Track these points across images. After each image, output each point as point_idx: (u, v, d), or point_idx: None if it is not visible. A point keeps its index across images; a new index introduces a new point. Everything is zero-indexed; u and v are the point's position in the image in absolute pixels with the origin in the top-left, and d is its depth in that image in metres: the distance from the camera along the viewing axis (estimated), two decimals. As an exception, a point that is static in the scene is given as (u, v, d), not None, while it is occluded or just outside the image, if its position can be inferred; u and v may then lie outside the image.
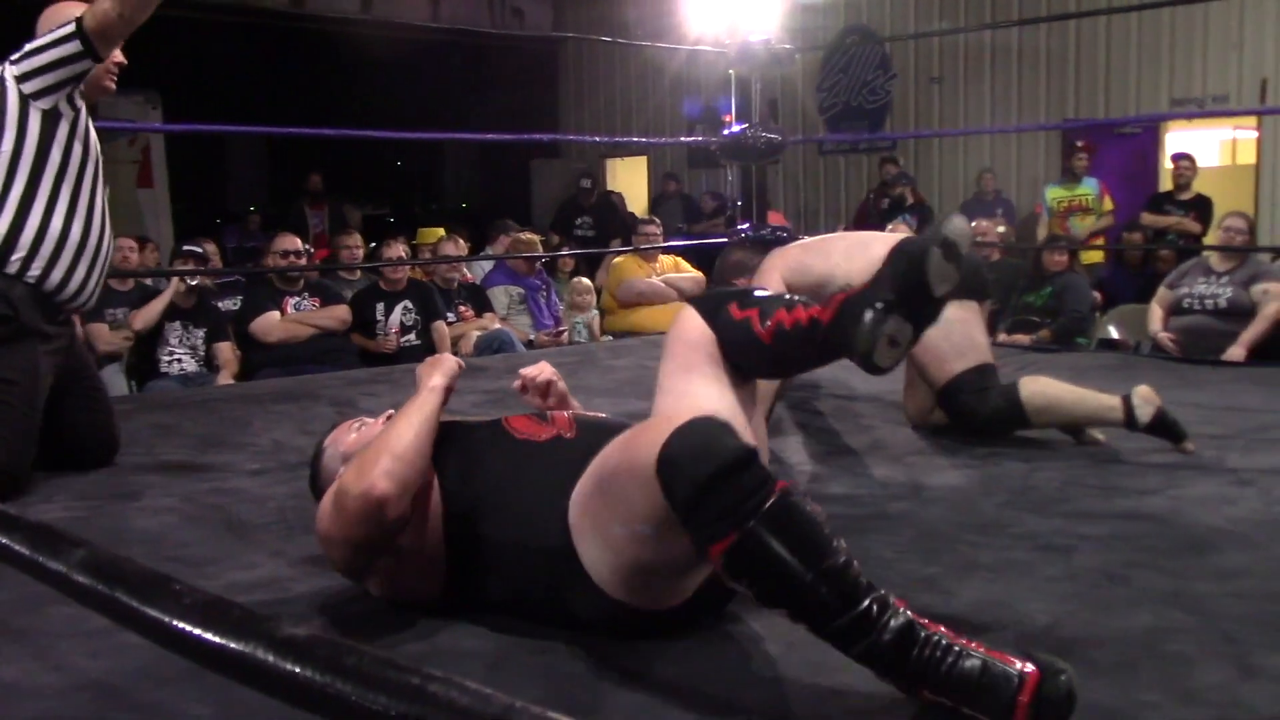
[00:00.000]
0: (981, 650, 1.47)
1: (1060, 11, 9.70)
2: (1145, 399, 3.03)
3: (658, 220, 8.04)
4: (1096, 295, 6.77)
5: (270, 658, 0.93)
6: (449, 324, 5.96)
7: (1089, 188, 8.67)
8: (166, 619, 1.02)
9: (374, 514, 1.78)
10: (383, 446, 1.83)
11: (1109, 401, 3.09)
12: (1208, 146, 9.56)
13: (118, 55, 2.98)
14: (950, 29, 10.36)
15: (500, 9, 13.15)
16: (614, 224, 10.85)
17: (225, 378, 5.22)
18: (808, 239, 3.81)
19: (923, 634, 1.48)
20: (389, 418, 2.01)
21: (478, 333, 5.96)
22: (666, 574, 1.73)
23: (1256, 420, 3.52)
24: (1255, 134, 9.39)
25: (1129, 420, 3.03)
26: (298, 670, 0.90)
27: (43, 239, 2.88)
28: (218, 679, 1.04)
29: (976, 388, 3.24)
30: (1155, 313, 5.61)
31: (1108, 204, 8.65)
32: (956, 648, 1.46)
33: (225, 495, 2.86)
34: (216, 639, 0.97)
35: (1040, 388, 3.20)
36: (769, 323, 1.95)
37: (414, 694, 0.84)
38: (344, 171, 14.04)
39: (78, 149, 2.95)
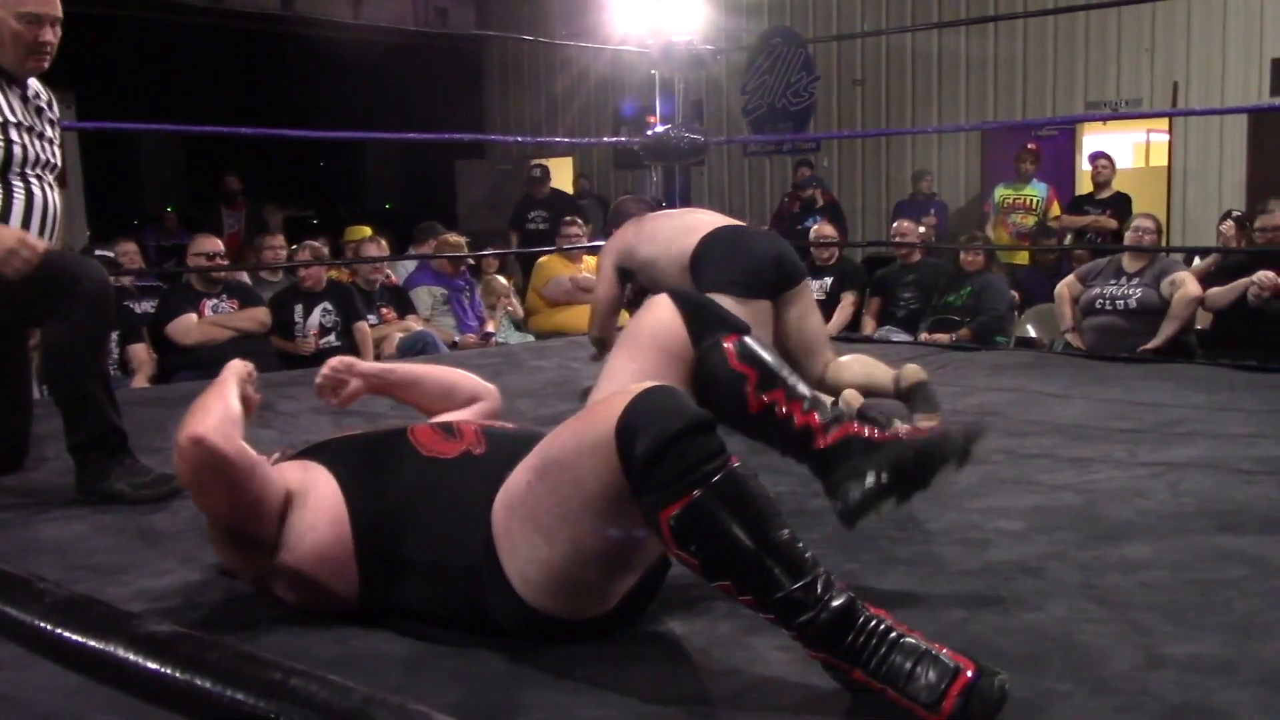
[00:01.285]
0: (921, 639, 1.48)
1: (979, 15, 9.86)
2: (911, 374, 3.43)
3: (580, 220, 8.02)
4: (1015, 295, 6.89)
5: (130, 655, 0.91)
6: (371, 326, 5.90)
7: (1036, 190, 8.81)
8: (28, 619, 0.99)
9: (204, 455, 1.75)
10: (188, 414, 1.82)
11: (887, 376, 3.48)
12: (1122, 149, 9.78)
13: (46, 34, 2.90)
14: (873, 31, 10.48)
15: (424, 8, 13.06)
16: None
17: (140, 381, 5.12)
18: (647, 215, 3.89)
19: (863, 616, 1.49)
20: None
21: (400, 334, 5.91)
22: (598, 571, 1.70)
23: (1166, 415, 3.60)
24: (1167, 136, 9.62)
25: (896, 391, 3.44)
26: (157, 667, 0.89)
27: None
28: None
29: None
30: (1064, 311, 5.71)
31: (1055, 209, 8.77)
32: (894, 633, 1.48)
33: (137, 505, 2.79)
34: (77, 637, 0.95)
35: (836, 367, 3.52)
36: (765, 398, 1.90)
37: (274, 689, 0.84)
38: (265, 172, 13.84)
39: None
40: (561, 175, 13.26)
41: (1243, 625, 1.83)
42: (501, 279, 7.25)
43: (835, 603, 1.48)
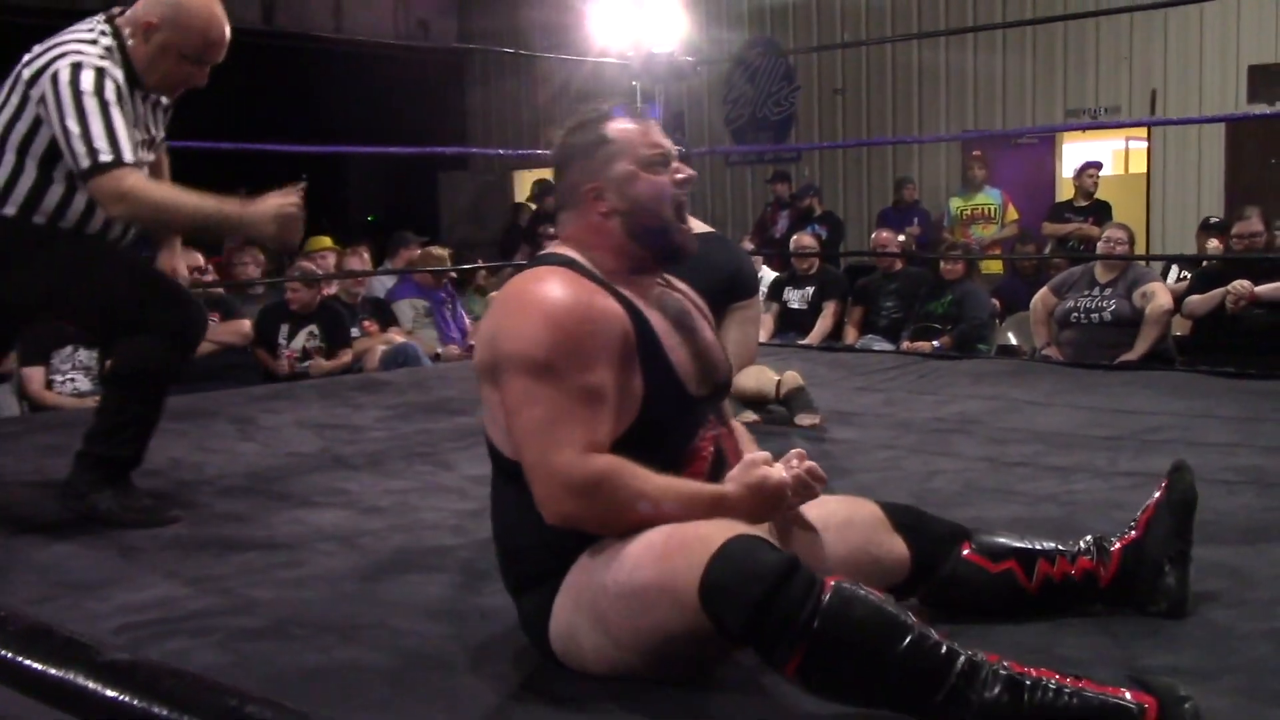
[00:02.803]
0: (1092, 687, 1.46)
1: (959, 25, 9.90)
2: (790, 380, 3.80)
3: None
4: (995, 303, 6.91)
5: (90, 684, 0.92)
6: (354, 339, 5.88)
7: (990, 197, 8.84)
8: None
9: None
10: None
11: (771, 384, 3.79)
12: (1102, 156, 9.83)
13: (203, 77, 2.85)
14: (853, 42, 10.51)
15: (405, 20, 13.05)
16: None
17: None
18: None
19: (1028, 681, 1.46)
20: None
21: (383, 347, 5.89)
22: (656, 672, 1.68)
23: (1146, 422, 3.62)
24: (1146, 144, 9.68)
25: (778, 396, 3.78)
26: (117, 695, 0.90)
27: None
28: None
29: None
30: (1039, 327, 5.71)
31: (1011, 214, 8.82)
32: (1067, 689, 1.46)
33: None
34: (37, 666, 0.96)
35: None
36: (1035, 577, 1.91)
37: (230, 716, 0.86)
38: (246, 186, 13.79)
39: None
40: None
41: (1222, 636, 1.84)
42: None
43: (992, 680, 1.45)
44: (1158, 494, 1.98)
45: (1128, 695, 1.46)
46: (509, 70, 13.04)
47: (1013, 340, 6.45)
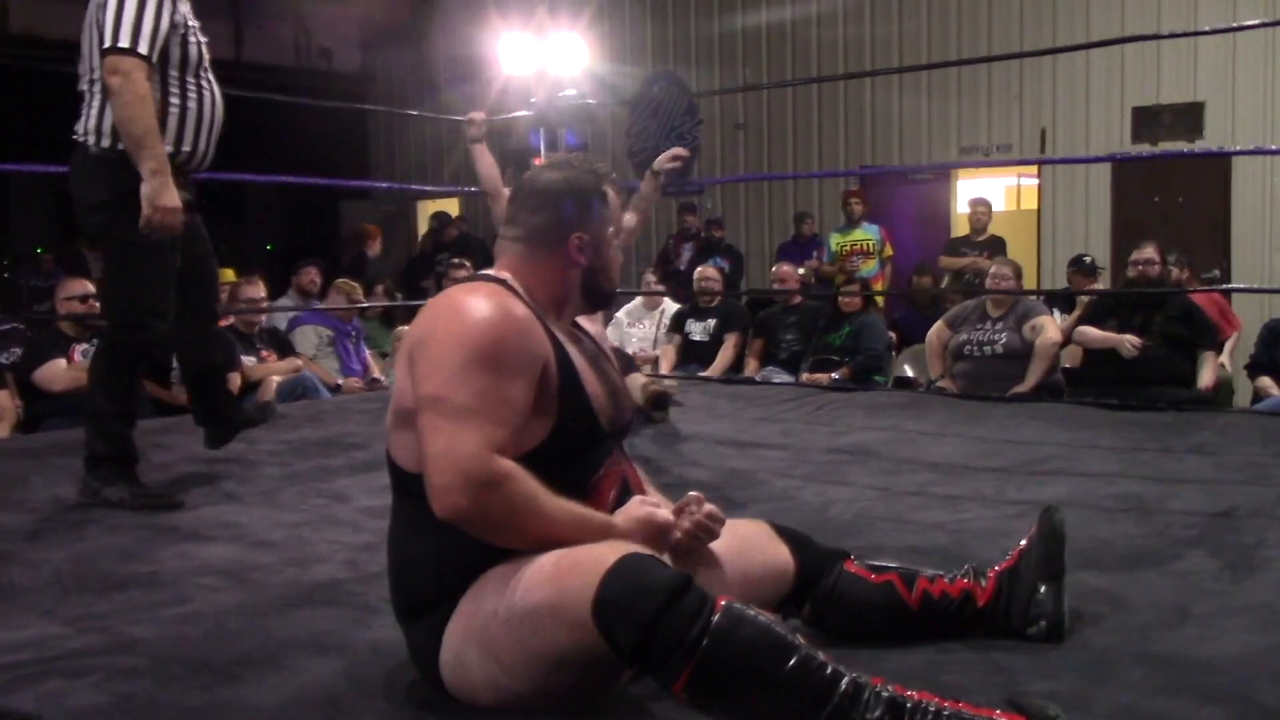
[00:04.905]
0: (969, 709, 1.51)
1: (857, 66, 10.12)
2: (642, 386, 4.42)
3: (468, 264, 7.99)
4: (892, 335, 7.04)
5: None
6: (250, 366, 5.77)
7: (869, 233, 9.03)
8: None
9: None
10: None
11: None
12: (995, 193, 10.10)
13: None
14: (753, 86, 10.68)
15: (307, 48, 12.94)
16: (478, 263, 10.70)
17: (4, 430, 4.93)
18: None
19: (909, 704, 1.49)
20: None
21: (279, 378, 5.79)
22: (549, 701, 1.67)
23: (1033, 453, 3.72)
24: (1036, 181, 9.97)
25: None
26: None
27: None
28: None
29: None
30: (933, 360, 5.84)
31: (888, 250, 9.03)
32: (946, 711, 1.50)
33: (-6, 557, 2.69)
34: None
35: None
36: (915, 592, 1.96)
37: None
38: (141, 212, 13.49)
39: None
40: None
41: (1099, 661, 1.89)
42: (405, 328, 7.19)
43: (875, 702, 1.49)
44: (1031, 530, 2.06)
45: (1000, 716, 1.51)
46: (413, 98, 12.97)
47: (909, 372, 6.57)
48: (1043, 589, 1.98)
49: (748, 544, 1.94)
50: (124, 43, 2.96)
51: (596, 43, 9.25)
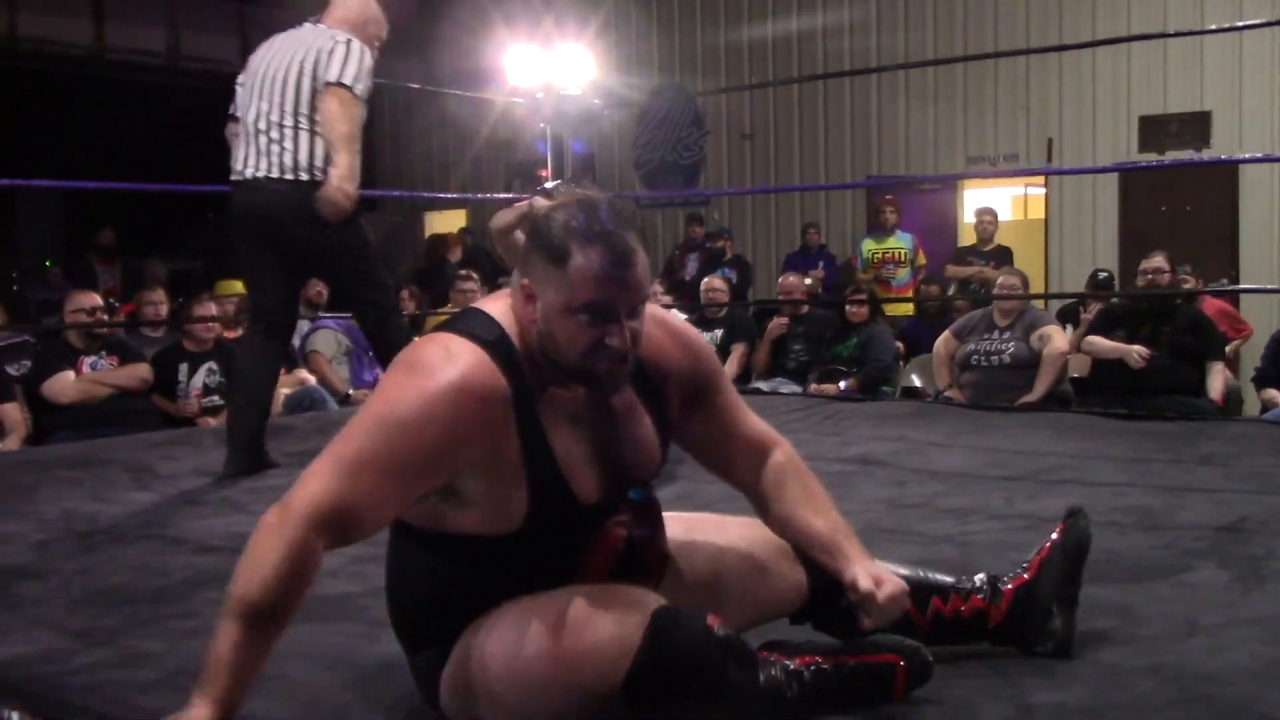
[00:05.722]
0: (852, 660, 1.74)
1: (863, 66, 10.12)
2: None
3: (475, 275, 7.99)
4: (900, 345, 7.03)
5: None
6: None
7: (902, 241, 9.02)
8: None
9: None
10: None
11: None
12: (1002, 202, 10.10)
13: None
14: (759, 84, 10.70)
15: (314, 60, 12.93)
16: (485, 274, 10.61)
17: (13, 443, 4.94)
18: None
19: (807, 671, 1.68)
20: None
21: (286, 390, 5.80)
22: None
23: (1042, 463, 3.71)
24: (1044, 190, 9.97)
25: None
26: None
27: None
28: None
29: None
30: (941, 370, 5.83)
31: (921, 259, 9.01)
32: (826, 666, 1.71)
33: (2, 571, 2.69)
34: None
35: None
36: (928, 611, 1.93)
37: None
38: (148, 224, 13.53)
39: None
40: (455, 227, 13.23)
41: (1108, 674, 1.89)
42: None
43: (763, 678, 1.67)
44: (1055, 535, 2.02)
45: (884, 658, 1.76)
46: (419, 109, 13.01)
47: (916, 382, 6.57)
48: (1056, 612, 1.95)
49: (758, 563, 1.89)
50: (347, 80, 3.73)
51: (603, 54, 9.26)
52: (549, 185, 5.58)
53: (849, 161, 10.59)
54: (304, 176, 3.70)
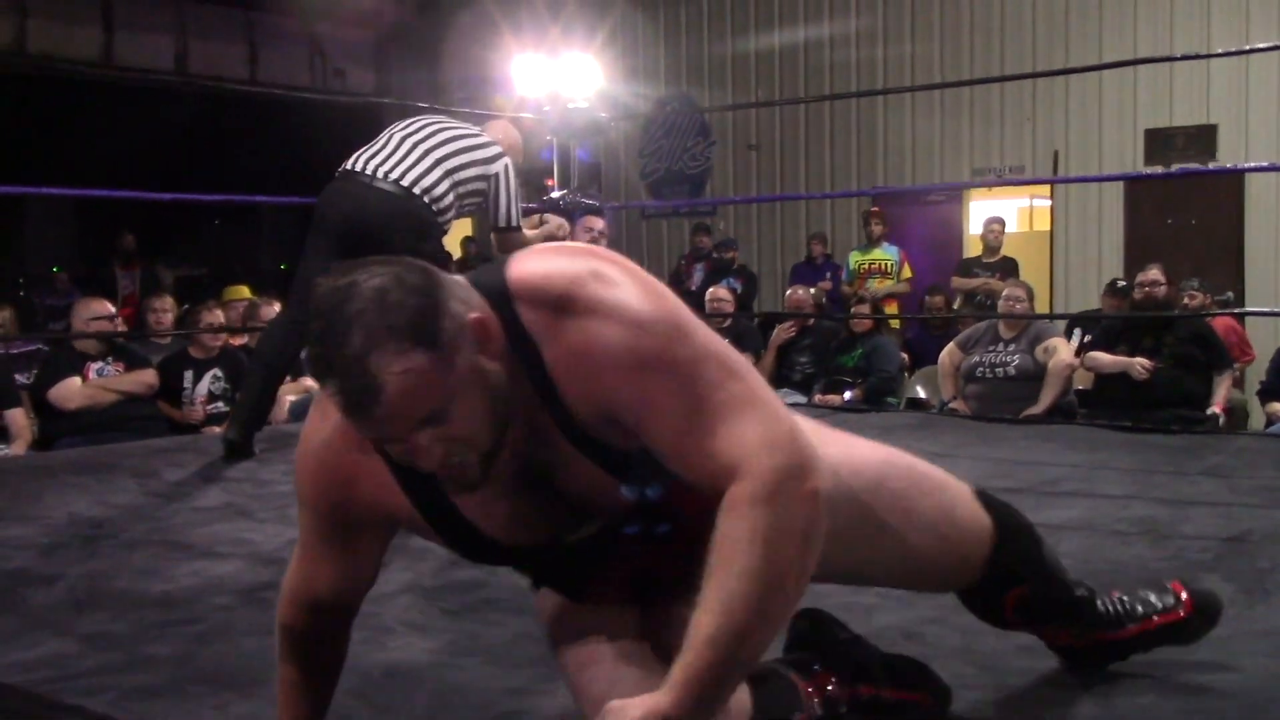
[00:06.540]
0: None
1: (869, 87, 10.15)
2: None
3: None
4: (905, 356, 7.03)
5: None
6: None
7: (888, 253, 9.04)
8: None
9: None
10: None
11: None
12: (1007, 214, 10.10)
13: None
14: (766, 102, 10.71)
15: (322, 68, 13.01)
16: None
17: (19, 448, 4.96)
18: None
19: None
20: None
21: (291, 398, 5.81)
22: None
23: (1046, 475, 3.71)
24: (1049, 202, 9.98)
25: None
26: None
27: None
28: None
29: None
30: (945, 381, 5.84)
31: (906, 272, 9.03)
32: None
33: (9, 576, 2.70)
34: None
35: None
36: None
37: None
38: (157, 231, 13.58)
39: None
40: (457, 235, 13.25)
41: (1112, 685, 1.89)
42: None
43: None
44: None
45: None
46: (426, 121, 13.04)
47: (921, 393, 6.57)
48: None
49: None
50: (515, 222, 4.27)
51: (610, 64, 9.28)
52: (554, 195, 5.63)
53: (855, 173, 10.60)
54: (425, 200, 3.95)
